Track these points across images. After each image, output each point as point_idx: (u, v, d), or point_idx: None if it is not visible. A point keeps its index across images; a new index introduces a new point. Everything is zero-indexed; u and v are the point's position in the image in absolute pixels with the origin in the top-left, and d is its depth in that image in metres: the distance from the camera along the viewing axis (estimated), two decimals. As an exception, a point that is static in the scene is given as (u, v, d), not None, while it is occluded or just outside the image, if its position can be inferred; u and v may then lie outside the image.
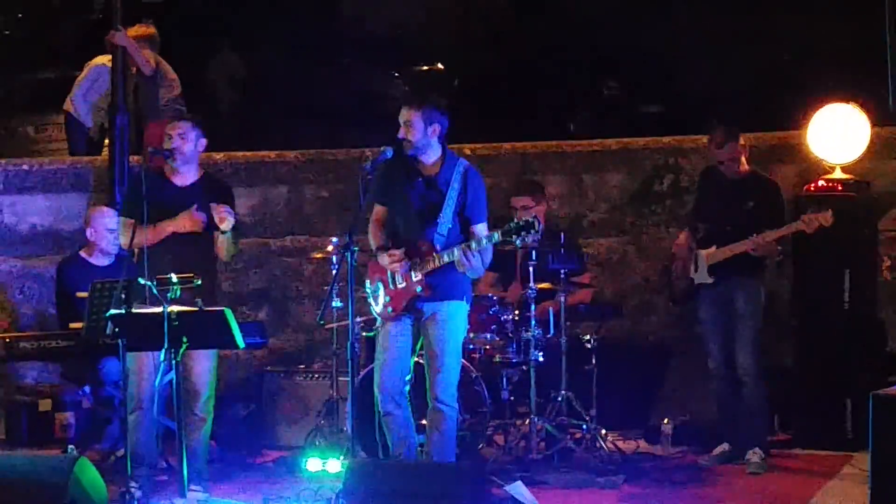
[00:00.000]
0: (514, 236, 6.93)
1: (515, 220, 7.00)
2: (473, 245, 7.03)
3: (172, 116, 8.06)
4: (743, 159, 8.32)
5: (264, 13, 13.23)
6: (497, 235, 7.01)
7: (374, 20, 13.46)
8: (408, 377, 7.30)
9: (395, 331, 7.26)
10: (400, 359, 7.26)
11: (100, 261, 8.89)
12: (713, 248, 8.29)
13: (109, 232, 8.81)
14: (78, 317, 8.37)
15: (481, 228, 7.20)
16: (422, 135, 7.15)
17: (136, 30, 10.17)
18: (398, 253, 7.19)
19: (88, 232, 8.98)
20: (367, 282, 7.37)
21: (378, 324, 7.36)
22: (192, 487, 7.25)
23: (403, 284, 7.18)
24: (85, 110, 11.11)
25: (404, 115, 7.19)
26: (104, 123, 10.90)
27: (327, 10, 13.58)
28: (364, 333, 8.38)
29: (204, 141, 7.69)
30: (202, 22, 13.39)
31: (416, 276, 7.14)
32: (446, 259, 7.08)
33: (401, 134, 7.18)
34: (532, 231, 6.89)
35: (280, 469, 8.38)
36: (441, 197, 7.18)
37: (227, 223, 7.47)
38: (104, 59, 10.86)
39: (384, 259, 7.24)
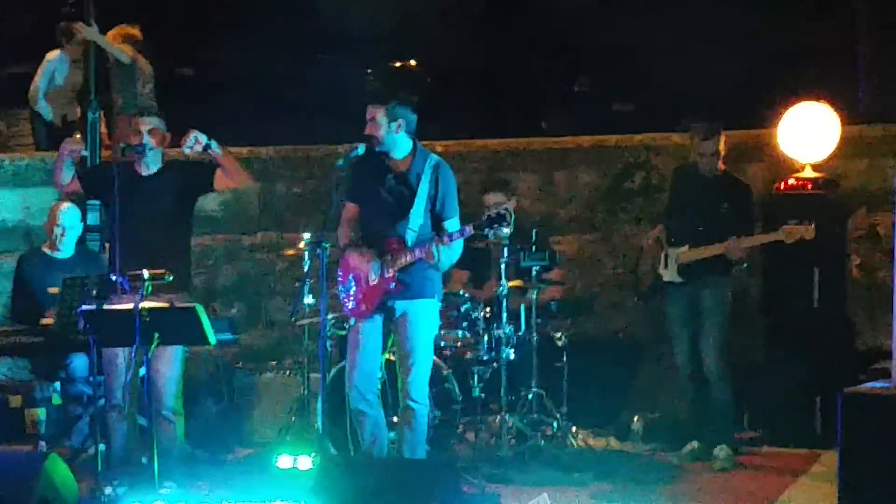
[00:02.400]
0: (486, 229, 6.95)
1: (487, 213, 7.02)
2: (446, 238, 7.04)
3: (142, 110, 8.04)
4: (720, 157, 8.37)
5: (238, 8, 13.20)
6: (469, 229, 7.03)
7: (348, 17, 13.44)
8: (379, 375, 7.31)
9: (366, 329, 7.25)
10: (371, 357, 7.26)
11: (59, 254, 8.88)
12: (685, 248, 8.32)
13: (56, 226, 8.83)
14: (35, 311, 8.44)
15: (452, 224, 7.20)
16: (385, 131, 7.16)
17: (120, 30, 10.19)
18: (369, 253, 7.20)
19: (45, 224, 9.02)
20: (339, 278, 7.36)
21: (351, 322, 7.35)
22: (165, 484, 7.26)
23: (376, 281, 7.18)
24: (45, 104, 11.08)
25: (369, 112, 7.20)
26: (66, 115, 10.89)
27: (302, 6, 13.55)
28: (337, 332, 8.38)
29: (168, 135, 7.67)
30: (177, 17, 13.34)
31: (389, 273, 7.14)
32: (418, 254, 7.09)
33: (366, 130, 7.19)
34: (504, 223, 6.90)
35: (251, 466, 8.37)
36: (412, 192, 7.18)
37: (199, 142, 7.38)
38: (58, 52, 10.90)
39: (354, 258, 7.24)
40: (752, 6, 12.27)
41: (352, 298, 7.29)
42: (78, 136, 8.31)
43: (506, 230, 6.95)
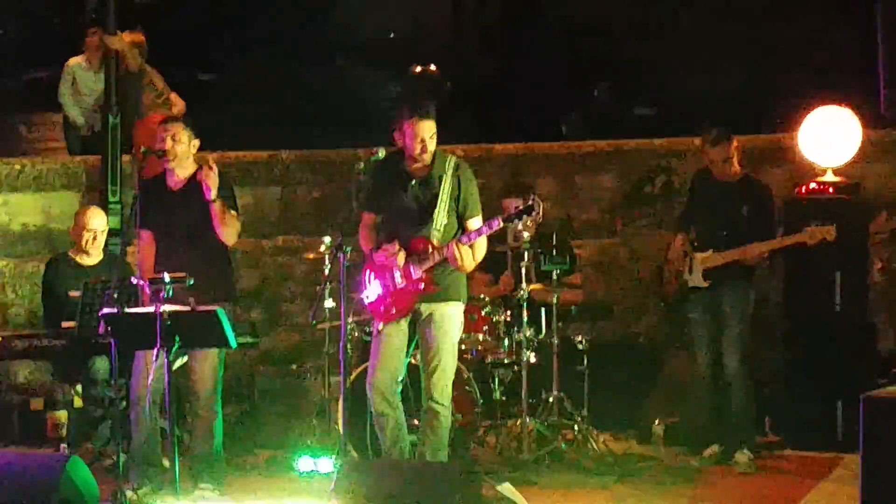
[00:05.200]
0: (515, 220, 6.97)
1: (515, 205, 7.03)
2: (474, 235, 7.04)
3: (161, 117, 8.05)
4: (735, 161, 8.35)
5: (258, 14, 13.23)
6: (497, 222, 7.01)
7: (366, 22, 13.47)
8: (401, 378, 7.31)
9: (390, 331, 7.25)
10: (394, 359, 7.25)
11: (86, 260, 8.90)
12: (709, 252, 8.30)
13: (87, 231, 8.85)
14: (67, 315, 8.41)
15: (475, 223, 7.21)
16: (435, 143, 7.19)
17: (128, 36, 10.25)
18: (392, 247, 7.19)
19: (71, 230, 9.04)
20: (366, 282, 7.35)
21: (380, 326, 7.34)
22: (202, 486, 7.30)
23: (403, 283, 7.18)
24: (73, 110, 11.14)
25: (430, 128, 7.15)
26: (93, 126, 10.94)
27: (320, 12, 13.59)
28: (363, 337, 8.38)
29: (197, 142, 7.65)
30: (197, 23, 13.39)
31: (417, 273, 7.13)
32: (446, 254, 7.08)
33: (426, 149, 7.13)
34: (532, 213, 6.91)
35: (272, 468, 8.39)
36: (434, 194, 7.19)
37: (212, 191, 7.40)
38: (78, 59, 10.95)
39: (381, 256, 7.24)
40: (772, 10, 12.26)
41: (380, 303, 7.28)
42: None
43: (532, 221, 6.96)
